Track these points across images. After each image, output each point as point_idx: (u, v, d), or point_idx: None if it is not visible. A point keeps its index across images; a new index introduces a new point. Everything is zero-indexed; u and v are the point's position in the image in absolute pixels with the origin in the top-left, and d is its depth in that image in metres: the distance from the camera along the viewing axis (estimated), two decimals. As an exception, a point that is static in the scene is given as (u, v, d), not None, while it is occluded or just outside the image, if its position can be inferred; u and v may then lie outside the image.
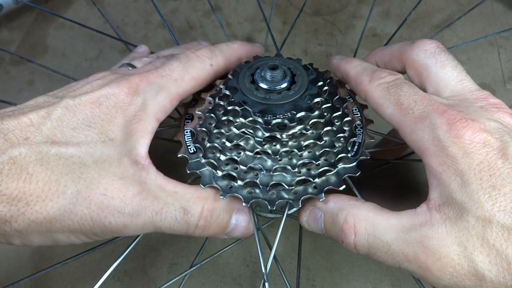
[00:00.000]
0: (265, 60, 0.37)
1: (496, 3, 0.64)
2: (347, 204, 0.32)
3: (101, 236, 0.31)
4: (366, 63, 0.39)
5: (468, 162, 0.28)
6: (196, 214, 0.33)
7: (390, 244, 0.29)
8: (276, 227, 0.44)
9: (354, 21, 0.64)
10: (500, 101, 0.32)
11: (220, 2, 0.67)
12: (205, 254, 0.43)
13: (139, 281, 0.44)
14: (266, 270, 0.34)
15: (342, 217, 0.32)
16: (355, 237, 0.31)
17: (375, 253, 0.30)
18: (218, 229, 0.34)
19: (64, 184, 0.29)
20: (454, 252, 0.27)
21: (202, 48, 0.39)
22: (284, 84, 0.35)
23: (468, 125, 0.29)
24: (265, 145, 0.35)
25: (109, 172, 0.31)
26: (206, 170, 0.36)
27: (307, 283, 0.43)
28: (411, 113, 0.32)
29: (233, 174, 0.35)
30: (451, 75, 0.34)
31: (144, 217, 0.31)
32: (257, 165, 0.35)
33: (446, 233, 0.28)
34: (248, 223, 0.35)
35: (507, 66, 0.58)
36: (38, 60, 0.60)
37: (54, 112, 0.31)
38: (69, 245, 0.45)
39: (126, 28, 0.65)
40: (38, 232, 0.29)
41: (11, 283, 0.34)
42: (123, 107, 0.33)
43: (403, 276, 0.43)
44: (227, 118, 0.35)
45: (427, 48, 0.35)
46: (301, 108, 0.34)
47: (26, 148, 0.29)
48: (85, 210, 0.29)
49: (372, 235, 0.30)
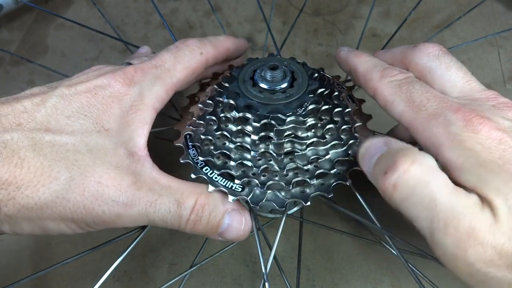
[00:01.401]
0: (262, 61, 0.37)
1: (496, 3, 0.64)
2: (413, 148, 0.29)
3: (93, 226, 0.31)
4: (375, 58, 0.38)
5: (489, 155, 0.28)
6: (189, 207, 0.32)
7: (439, 206, 0.27)
8: (276, 227, 0.44)
9: (354, 21, 0.64)
10: (509, 100, 0.32)
11: (220, 2, 0.67)
12: (205, 254, 0.43)
13: (139, 281, 0.44)
14: (266, 270, 0.34)
15: (403, 152, 0.28)
16: (405, 173, 0.27)
17: (415, 205, 0.27)
18: (210, 227, 0.33)
19: (57, 170, 0.29)
20: (498, 241, 0.26)
21: (190, 39, 0.40)
22: (284, 84, 0.35)
23: (484, 122, 0.29)
24: (285, 143, 0.35)
25: (104, 161, 0.30)
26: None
27: (307, 283, 0.43)
28: (423, 110, 0.32)
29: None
30: (457, 76, 0.34)
31: (138, 207, 0.31)
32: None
33: (495, 222, 0.26)
34: (243, 226, 0.34)
35: (507, 66, 0.58)
36: (38, 60, 0.60)
37: (49, 100, 0.31)
38: (69, 245, 0.45)
39: (126, 28, 0.65)
40: (28, 218, 0.29)
41: (11, 283, 0.34)
42: (119, 97, 0.33)
43: (403, 276, 0.43)
44: (237, 128, 0.35)
45: (430, 51, 0.35)
46: (308, 102, 0.34)
47: (18, 133, 0.29)
48: (78, 197, 0.29)
49: (423, 185, 0.27)
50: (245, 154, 0.35)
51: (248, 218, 0.35)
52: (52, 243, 0.46)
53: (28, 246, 0.46)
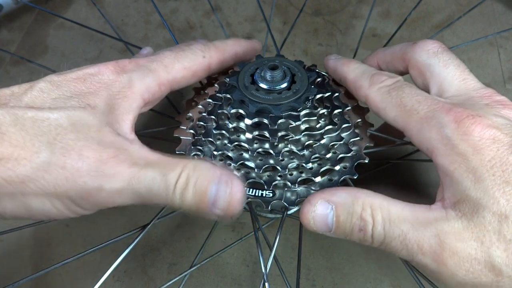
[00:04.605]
0: (266, 60, 0.37)
1: (496, 3, 0.64)
2: (360, 193, 0.31)
3: (78, 202, 0.30)
4: (363, 65, 0.38)
5: (479, 159, 0.28)
6: (175, 176, 0.30)
7: (406, 233, 0.29)
8: (276, 227, 0.44)
9: (354, 21, 0.64)
10: (505, 98, 0.32)
11: (220, 2, 0.67)
12: (205, 254, 0.43)
13: (139, 281, 0.44)
14: (266, 270, 0.34)
15: (359, 206, 0.30)
16: (373, 224, 0.30)
17: (390, 243, 0.29)
18: (198, 196, 0.30)
19: (38, 144, 0.29)
20: (471, 247, 0.27)
21: (196, 42, 0.40)
22: (284, 84, 0.35)
23: (476, 121, 0.29)
24: (278, 145, 0.35)
25: (86, 135, 0.30)
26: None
27: (307, 283, 0.43)
28: (415, 113, 0.32)
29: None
30: (454, 74, 0.34)
31: (120, 179, 0.29)
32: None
33: (462, 228, 0.27)
34: (232, 197, 0.30)
35: (507, 66, 0.58)
36: (38, 60, 0.60)
37: (37, 85, 0.32)
38: (69, 245, 0.45)
39: (126, 28, 0.65)
40: (10, 194, 0.29)
41: (11, 283, 0.34)
42: (108, 83, 0.33)
43: (403, 276, 0.43)
44: (233, 125, 0.35)
45: (430, 48, 0.35)
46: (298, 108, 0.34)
47: (1, 111, 0.29)
48: (60, 170, 0.29)
49: (388, 224, 0.29)
50: (269, 160, 0.36)
51: (237, 185, 0.31)
52: (52, 243, 0.46)
53: (28, 246, 0.46)
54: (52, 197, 0.29)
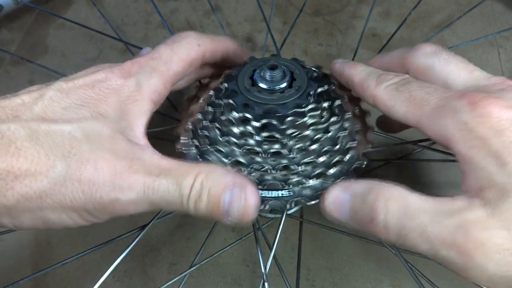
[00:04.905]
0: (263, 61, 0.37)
1: (496, 3, 0.64)
2: (377, 184, 0.30)
3: (95, 214, 0.30)
4: (370, 67, 0.38)
5: (501, 141, 0.27)
6: (188, 184, 0.30)
7: (426, 225, 0.27)
8: (276, 227, 0.44)
9: (354, 21, 0.64)
10: None
11: (220, 2, 0.67)
12: (205, 254, 0.43)
13: (139, 281, 0.44)
14: (266, 270, 0.34)
15: (373, 196, 0.29)
16: (387, 214, 0.28)
17: (407, 235, 0.27)
18: (212, 204, 0.30)
19: (53, 158, 0.29)
20: (497, 236, 0.25)
21: (188, 31, 0.40)
22: (284, 83, 0.35)
23: (492, 102, 0.28)
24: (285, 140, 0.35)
25: (100, 146, 0.30)
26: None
27: (307, 283, 0.43)
28: (426, 105, 0.31)
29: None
30: (458, 68, 0.33)
31: (135, 190, 0.30)
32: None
33: (487, 216, 0.26)
34: (246, 203, 0.31)
35: (507, 66, 0.58)
36: (38, 60, 0.60)
37: (47, 94, 0.31)
38: (69, 245, 0.45)
39: (126, 28, 0.65)
40: (28, 209, 0.29)
41: (11, 283, 0.34)
42: (116, 88, 0.33)
43: (403, 276, 0.43)
44: (239, 130, 0.36)
45: (427, 50, 0.35)
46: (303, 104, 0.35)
47: (15, 124, 0.29)
48: (76, 184, 0.29)
49: (405, 215, 0.28)
50: (281, 159, 0.35)
51: (251, 192, 0.31)
52: (52, 243, 0.46)
53: (28, 246, 0.46)
54: (69, 211, 0.30)
